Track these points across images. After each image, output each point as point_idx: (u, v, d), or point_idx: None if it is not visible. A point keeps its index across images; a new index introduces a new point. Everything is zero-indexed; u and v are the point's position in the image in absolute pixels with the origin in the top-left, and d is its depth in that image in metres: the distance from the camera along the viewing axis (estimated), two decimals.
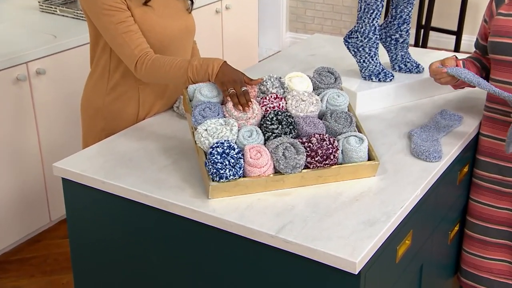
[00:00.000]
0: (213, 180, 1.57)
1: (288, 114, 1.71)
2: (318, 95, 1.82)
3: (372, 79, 2.19)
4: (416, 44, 4.67)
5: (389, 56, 2.31)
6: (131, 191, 1.65)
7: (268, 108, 1.74)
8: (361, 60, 2.20)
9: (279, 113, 1.70)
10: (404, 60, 2.28)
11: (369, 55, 2.19)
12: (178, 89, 2.12)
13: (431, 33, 5.03)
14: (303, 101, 1.75)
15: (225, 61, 1.78)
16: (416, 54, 2.46)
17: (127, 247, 1.75)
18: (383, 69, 2.20)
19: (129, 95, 2.02)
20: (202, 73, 1.77)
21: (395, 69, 2.29)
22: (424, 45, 4.62)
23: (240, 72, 1.78)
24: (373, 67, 2.20)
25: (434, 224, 1.92)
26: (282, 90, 1.80)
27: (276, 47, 5.54)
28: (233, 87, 1.72)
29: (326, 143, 1.65)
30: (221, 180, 1.57)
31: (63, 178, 1.79)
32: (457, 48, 4.71)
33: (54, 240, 3.00)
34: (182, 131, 1.97)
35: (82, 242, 1.85)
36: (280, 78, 1.82)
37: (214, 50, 3.77)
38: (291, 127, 1.69)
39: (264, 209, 1.56)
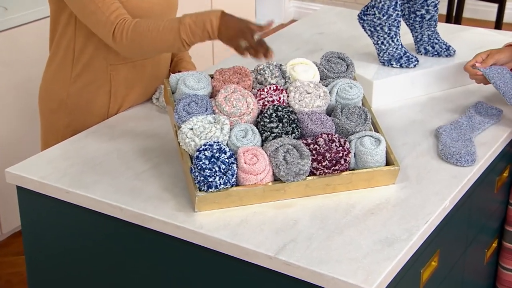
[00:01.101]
0: (200, 190, 1.62)
1: (290, 109, 1.76)
2: (326, 86, 1.86)
3: (392, 64, 2.24)
4: (448, 16, 4.70)
5: (413, 37, 2.35)
6: (101, 202, 1.70)
7: (266, 102, 1.78)
8: (379, 42, 2.25)
9: (280, 108, 1.74)
10: (432, 41, 2.32)
11: (388, 36, 2.24)
12: (158, 76, 2.16)
13: (467, 0, 5.06)
14: (308, 93, 1.80)
15: (222, 11, 1.80)
16: (447, 32, 2.50)
17: (97, 268, 1.80)
18: (405, 53, 2.25)
19: (98, 84, 2.06)
20: (199, 32, 1.80)
21: (420, 52, 2.34)
22: (459, 17, 4.66)
23: (243, 19, 1.82)
24: (394, 50, 2.24)
25: (467, 241, 1.97)
26: (283, 81, 1.84)
27: (277, 19, 5.57)
28: (245, 38, 1.77)
29: (335, 145, 1.69)
30: (210, 190, 1.61)
31: (17, 186, 1.83)
32: (499, 19, 4.74)
33: (6, 257, 3.04)
34: (164, 128, 2.02)
35: (41, 261, 1.89)
36: (281, 65, 1.87)
37: None
38: (293, 125, 1.73)
39: (261, 225, 1.60)
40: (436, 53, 2.31)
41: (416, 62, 2.24)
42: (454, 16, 4.67)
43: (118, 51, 1.91)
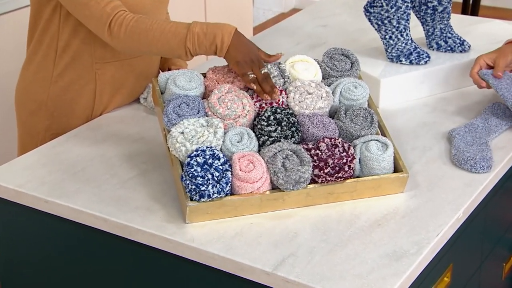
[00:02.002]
0: (191, 199, 1.63)
1: (290, 111, 1.77)
2: (329, 85, 1.88)
3: (401, 61, 2.26)
4: (464, 4, 4.70)
5: (424, 30, 2.37)
6: (83, 213, 1.71)
7: (263, 104, 1.80)
8: (387, 36, 2.27)
9: (278, 110, 1.76)
10: (444, 35, 2.34)
11: (397, 30, 2.25)
12: (148, 75, 2.17)
13: None
14: (310, 94, 1.82)
15: (236, 29, 1.82)
16: (461, 25, 2.51)
17: (79, 284, 1.81)
18: (415, 48, 2.27)
19: (82, 83, 2.08)
20: (206, 45, 1.81)
21: (432, 47, 2.35)
22: (476, 5, 4.65)
23: (253, 45, 1.84)
24: (403, 45, 2.26)
25: (482, 255, 1.98)
26: (282, 80, 1.85)
27: (277, 7, 5.59)
28: (252, 68, 1.79)
29: (339, 150, 1.71)
30: (202, 199, 1.63)
31: None
32: None
33: None
34: (152, 131, 2.04)
35: (18, 278, 1.90)
36: (280, 63, 1.88)
37: (193, 12, 3.81)
38: (293, 129, 1.75)
39: (258, 237, 1.62)
40: (449, 48, 2.32)
41: (427, 59, 2.25)
42: (472, 3, 4.66)
43: (111, 45, 1.92)
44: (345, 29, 2.69)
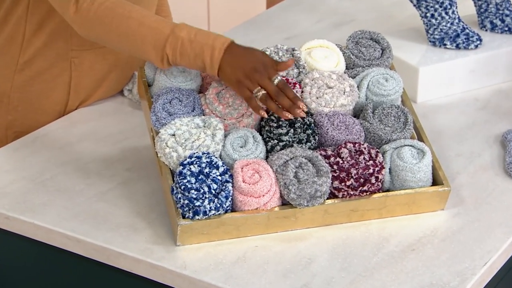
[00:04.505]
0: (184, 217, 1.65)
1: (305, 110, 1.77)
2: (353, 78, 1.89)
3: (445, 44, 2.27)
4: None
5: (475, 6, 2.37)
6: (52, 232, 1.73)
7: None
8: (428, 14, 2.27)
9: None
10: (501, 12, 2.34)
11: (441, 6, 2.26)
12: (135, 68, 2.19)
13: None
14: (330, 88, 1.83)
15: (231, 41, 1.75)
16: None
17: None
18: (464, 29, 2.27)
19: (54, 73, 2.10)
20: (191, 56, 1.73)
21: (484, 27, 2.36)
22: None
23: (258, 51, 1.76)
24: (448, 25, 2.27)
25: None
26: (296, 71, 1.87)
27: None
28: (259, 82, 1.71)
29: (364, 158, 1.73)
30: (197, 217, 1.64)
31: None
32: None
33: None
34: (137, 130, 2.06)
35: None
36: (294, 49, 1.89)
37: None
38: (309, 131, 1.76)
39: (264, 264, 1.63)
40: (507, 28, 2.33)
41: (478, 42, 2.26)
42: None
43: (73, 24, 1.86)
44: (378, 2, 2.70)
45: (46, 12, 2.03)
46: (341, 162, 1.71)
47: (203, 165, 1.67)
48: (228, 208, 1.67)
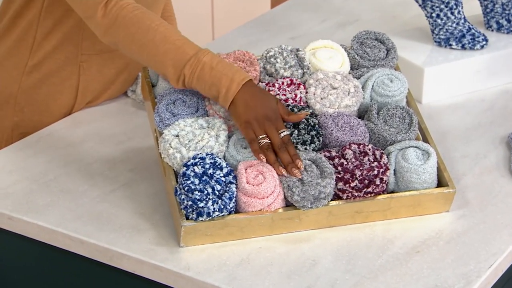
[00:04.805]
0: (187, 218, 1.65)
1: (309, 111, 1.78)
2: (358, 78, 1.89)
3: (451, 45, 2.26)
4: None
5: (481, 6, 2.36)
6: (55, 233, 1.73)
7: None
8: (434, 14, 2.27)
9: (295, 109, 1.77)
10: (508, 12, 2.33)
11: (446, 6, 2.25)
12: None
13: None
14: (334, 88, 1.83)
15: (251, 79, 1.74)
16: None
17: None
18: (469, 29, 2.27)
19: (62, 76, 2.10)
20: (206, 82, 1.72)
21: (490, 27, 2.35)
22: None
23: (273, 96, 1.76)
24: (454, 25, 2.26)
25: None
26: (300, 71, 1.87)
27: None
28: (267, 130, 1.71)
29: (369, 159, 1.73)
30: (201, 218, 1.64)
31: None
32: None
33: None
34: (141, 130, 2.06)
35: None
36: (298, 50, 1.89)
37: None
38: (313, 132, 1.76)
39: (268, 266, 1.63)
40: None
41: (484, 42, 2.26)
42: None
43: (98, 28, 1.83)
44: (383, 2, 2.69)
45: (59, 17, 2.04)
46: (346, 163, 1.71)
47: (207, 166, 1.67)
48: (232, 209, 1.67)
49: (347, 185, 1.70)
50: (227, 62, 1.74)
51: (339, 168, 1.71)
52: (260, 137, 1.71)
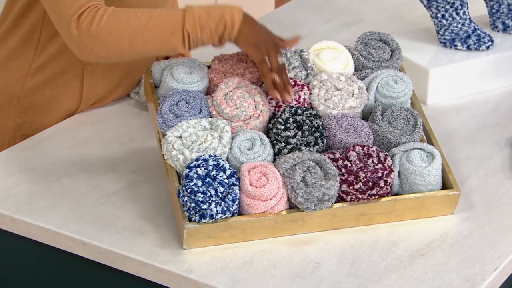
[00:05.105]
0: (190, 220, 1.65)
1: (313, 112, 1.78)
2: (362, 79, 1.89)
3: (456, 45, 2.26)
4: None
5: (487, 6, 2.36)
6: (58, 234, 1.73)
7: (280, 103, 1.81)
8: (439, 15, 2.27)
9: (299, 111, 1.77)
10: None
11: (452, 6, 2.25)
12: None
13: None
14: (338, 90, 1.83)
15: (244, 11, 1.80)
16: None
17: None
18: (475, 29, 2.27)
19: (66, 79, 2.10)
20: (212, 26, 1.76)
21: (496, 28, 2.35)
22: None
23: (266, 28, 1.83)
24: (459, 25, 2.26)
25: None
26: (304, 72, 1.87)
27: None
28: (269, 52, 1.78)
29: (373, 161, 1.72)
30: (203, 220, 1.64)
31: None
32: None
33: None
34: (144, 132, 2.06)
35: None
36: (302, 51, 1.89)
37: None
38: (317, 134, 1.76)
39: (271, 268, 1.63)
40: None
41: (489, 43, 2.25)
42: None
43: (74, 44, 1.80)
44: (388, 2, 2.69)
45: None
46: (350, 165, 1.71)
47: (210, 167, 1.66)
48: (235, 211, 1.67)
49: (351, 187, 1.70)
50: (213, 5, 1.79)
51: (343, 170, 1.71)
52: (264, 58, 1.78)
